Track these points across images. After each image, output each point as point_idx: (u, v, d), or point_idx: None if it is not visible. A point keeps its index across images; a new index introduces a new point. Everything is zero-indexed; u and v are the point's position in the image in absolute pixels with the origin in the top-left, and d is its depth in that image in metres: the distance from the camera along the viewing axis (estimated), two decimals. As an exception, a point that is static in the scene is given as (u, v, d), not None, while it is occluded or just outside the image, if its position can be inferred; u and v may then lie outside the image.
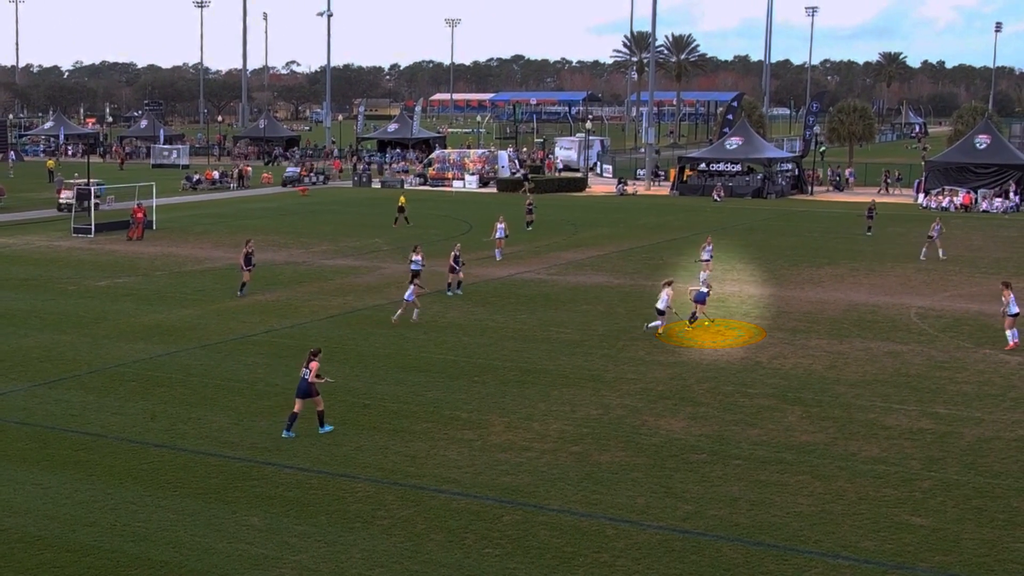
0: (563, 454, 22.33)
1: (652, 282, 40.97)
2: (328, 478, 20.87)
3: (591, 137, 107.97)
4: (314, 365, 23.31)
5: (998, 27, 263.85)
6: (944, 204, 74.14)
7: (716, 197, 79.01)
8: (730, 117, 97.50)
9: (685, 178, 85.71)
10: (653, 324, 33.78)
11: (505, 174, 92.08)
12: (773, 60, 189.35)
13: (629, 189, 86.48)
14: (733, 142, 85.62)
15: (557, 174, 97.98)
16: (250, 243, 40.68)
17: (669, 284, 34.15)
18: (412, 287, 35.53)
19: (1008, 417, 25.16)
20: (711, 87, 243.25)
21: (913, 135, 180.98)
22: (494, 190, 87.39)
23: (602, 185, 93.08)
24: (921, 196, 77.54)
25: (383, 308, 37.36)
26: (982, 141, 78.33)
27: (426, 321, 35.13)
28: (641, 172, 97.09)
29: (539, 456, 22.18)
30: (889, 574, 16.95)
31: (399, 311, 34.95)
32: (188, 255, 50.19)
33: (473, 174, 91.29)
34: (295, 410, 23.50)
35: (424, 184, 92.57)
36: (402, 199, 65.70)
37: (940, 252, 50.18)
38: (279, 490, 20.23)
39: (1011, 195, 74.01)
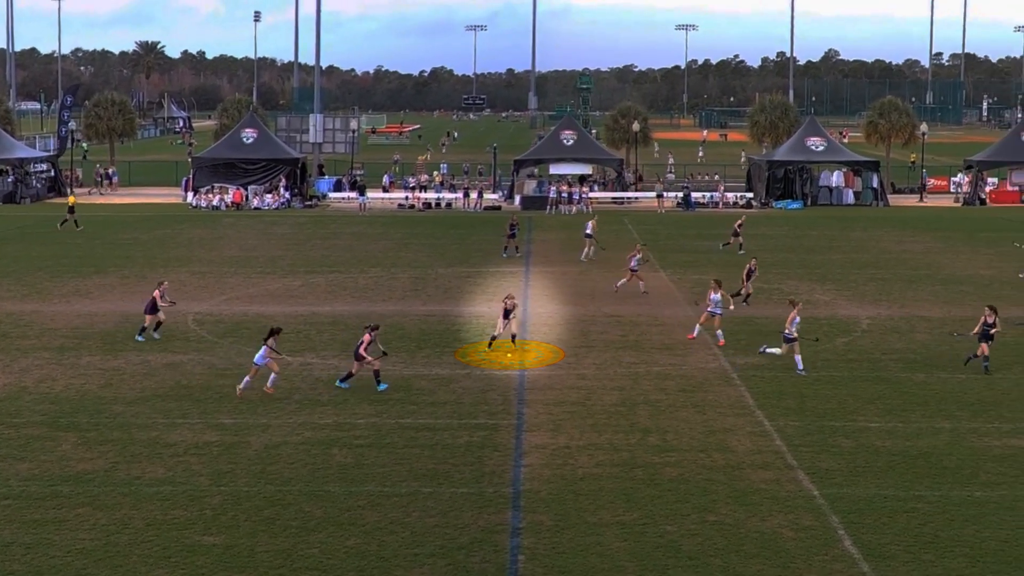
0: None
1: None
2: None
3: None
4: (367, 337, 28.77)
5: (257, 16, 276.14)
6: (215, 203, 76.37)
7: (-42, 205, 74.97)
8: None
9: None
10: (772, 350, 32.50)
11: None
12: (18, 48, 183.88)
13: None
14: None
15: None
16: None
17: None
18: (265, 347, 28.94)
19: (294, 420, 26.66)
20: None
21: (178, 130, 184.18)
22: None
23: None
24: (191, 195, 79.18)
25: None
26: (249, 135, 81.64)
27: None
28: None
29: None
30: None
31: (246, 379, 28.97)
32: None
33: None
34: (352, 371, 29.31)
35: None
36: (72, 198, 62.27)
37: (591, 251, 51.00)
38: None
39: (282, 190, 77.96)
